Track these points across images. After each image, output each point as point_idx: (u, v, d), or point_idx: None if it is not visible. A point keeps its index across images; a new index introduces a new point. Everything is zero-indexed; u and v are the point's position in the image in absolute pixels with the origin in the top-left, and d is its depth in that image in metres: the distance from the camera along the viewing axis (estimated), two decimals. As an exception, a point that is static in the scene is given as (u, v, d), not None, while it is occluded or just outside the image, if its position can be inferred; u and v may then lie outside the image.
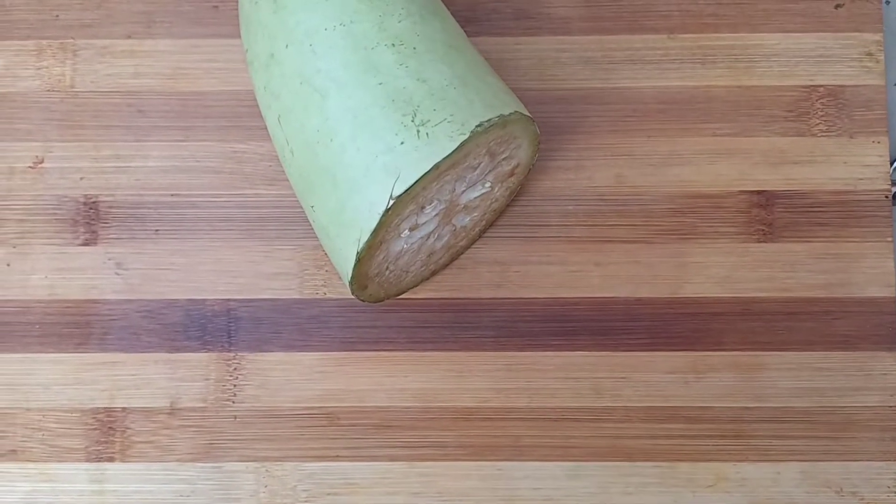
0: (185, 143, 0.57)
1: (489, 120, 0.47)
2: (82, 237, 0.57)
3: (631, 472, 0.55)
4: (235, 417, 0.55)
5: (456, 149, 0.46)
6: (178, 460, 0.55)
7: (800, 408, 0.55)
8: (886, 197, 0.56)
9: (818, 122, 0.57)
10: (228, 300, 0.56)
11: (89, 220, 0.57)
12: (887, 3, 0.59)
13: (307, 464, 0.55)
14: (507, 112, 0.48)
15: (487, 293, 0.56)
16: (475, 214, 0.53)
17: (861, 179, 0.56)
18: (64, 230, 0.57)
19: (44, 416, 0.55)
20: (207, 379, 0.56)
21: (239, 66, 0.58)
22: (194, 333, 0.56)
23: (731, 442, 0.55)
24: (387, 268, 0.51)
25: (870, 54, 0.57)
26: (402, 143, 0.46)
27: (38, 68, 0.58)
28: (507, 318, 0.56)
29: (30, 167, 0.57)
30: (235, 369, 0.56)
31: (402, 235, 0.50)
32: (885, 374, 0.55)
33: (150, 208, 0.57)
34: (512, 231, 0.56)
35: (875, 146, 0.57)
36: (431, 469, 0.55)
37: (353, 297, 0.55)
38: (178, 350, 0.56)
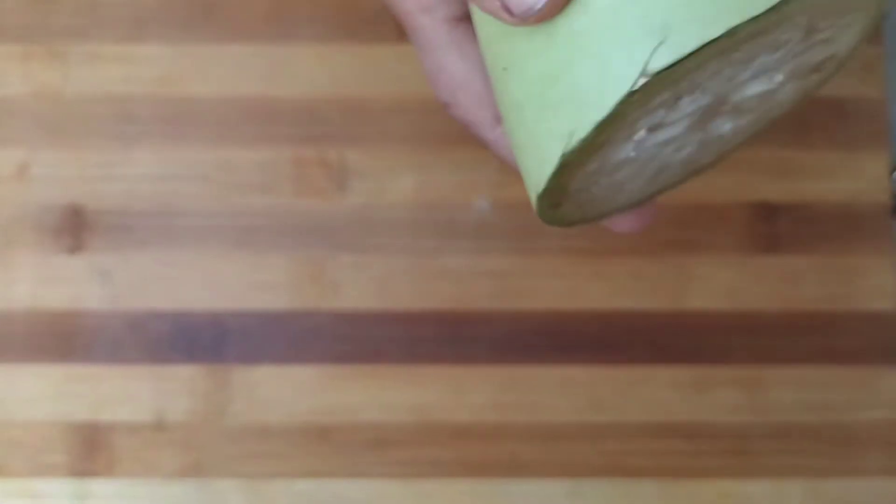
0: (175, 151, 0.56)
1: None
2: (67, 246, 0.55)
3: (632, 490, 0.53)
4: (224, 433, 0.54)
5: (773, 7, 0.28)
6: (164, 476, 0.53)
7: (803, 423, 0.54)
8: (887, 210, 0.56)
9: (820, 133, 0.56)
10: (217, 312, 0.55)
11: (75, 228, 0.55)
12: (886, 18, 0.59)
13: (298, 481, 0.53)
14: None
15: (485, 305, 0.55)
16: (743, 121, 0.35)
17: (862, 193, 0.56)
18: (49, 238, 0.55)
19: (26, 430, 0.53)
20: (195, 393, 0.54)
21: (232, 72, 0.57)
22: (182, 346, 0.54)
23: (734, 458, 0.54)
24: (596, 181, 0.34)
25: (869, 67, 0.57)
26: None
27: (25, 73, 0.57)
28: (506, 331, 0.54)
29: (14, 174, 0.56)
30: (224, 383, 0.54)
31: (636, 138, 0.32)
32: (888, 389, 0.54)
33: (137, 217, 0.55)
34: (511, 241, 0.55)
35: (876, 159, 0.56)
36: (427, 487, 0.53)
37: (350, 308, 0.54)
38: (164, 363, 0.54)
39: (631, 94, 0.28)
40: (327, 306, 0.55)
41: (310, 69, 0.57)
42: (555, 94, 0.30)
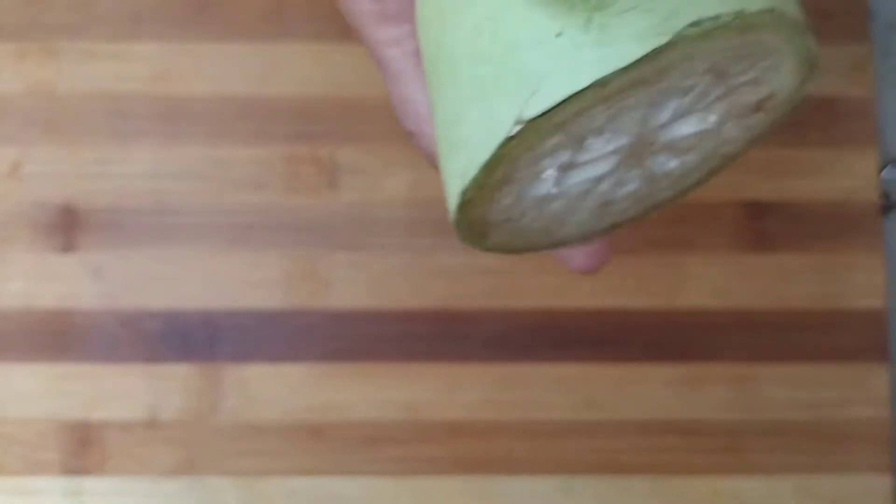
0: (169, 149, 0.56)
1: (716, 17, 0.29)
2: (61, 244, 0.55)
3: (624, 487, 0.54)
4: (217, 431, 0.53)
5: (642, 58, 0.29)
6: (157, 474, 0.53)
7: (794, 420, 0.54)
8: (877, 209, 0.56)
9: (811, 132, 0.57)
10: (211, 310, 0.55)
11: (68, 226, 0.55)
12: (874, 17, 0.60)
13: (292, 479, 0.53)
14: (753, 8, 0.29)
15: (479, 303, 0.55)
16: (689, 157, 0.36)
17: (852, 191, 0.56)
18: (42, 236, 0.55)
19: (19, 427, 0.53)
20: (188, 391, 0.54)
21: (227, 70, 0.57)
22: (175, 344, 0.54)
23: (726, 455, 0.54)
24: (522, 214, 0.35)
25: (858, 66, 0.57)
26: (558, 34, 0.29)
27: (19, 71, 0.56)
28: (500, 328, 0.55)
29: (7, 172, 0.56)
30: (217, 381, 0.54)
31: (545, 176, 0.33)
32: (876, 386, 0.55)
33: (131, 215, 0.55)
34: (504, 240, 0.56)
35: (865, 158, 0.57)
36: (421, 484, 0.53)
37: (343, 306, 0.54)
38: (157, 361, 0.54)
39: (508, 140, 0.30)
40: (321, 304, 0.55)
41: (305, 68, 0.57)
42: (456, 134, 0.32)
